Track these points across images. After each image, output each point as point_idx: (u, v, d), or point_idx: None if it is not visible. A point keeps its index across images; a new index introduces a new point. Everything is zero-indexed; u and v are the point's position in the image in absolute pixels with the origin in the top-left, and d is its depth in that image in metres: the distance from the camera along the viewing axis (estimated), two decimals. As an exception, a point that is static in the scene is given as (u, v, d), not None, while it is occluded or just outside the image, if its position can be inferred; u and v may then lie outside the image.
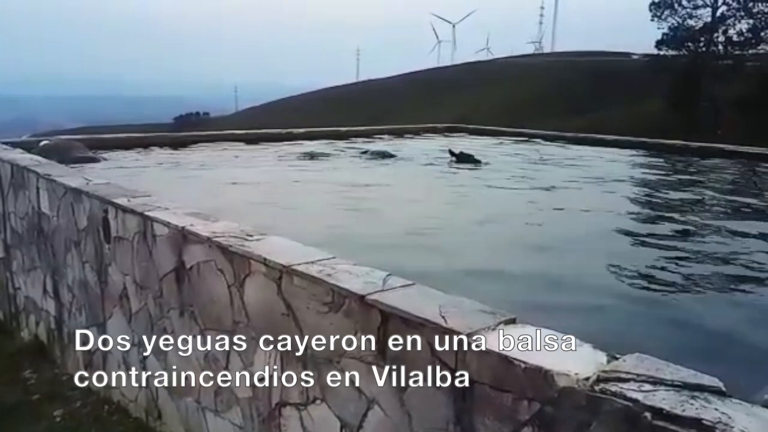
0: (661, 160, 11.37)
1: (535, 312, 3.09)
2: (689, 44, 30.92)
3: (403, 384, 2.76)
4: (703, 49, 30.93)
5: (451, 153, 10.49)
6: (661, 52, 32.31)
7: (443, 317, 2.61)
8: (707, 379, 2.15)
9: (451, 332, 2.52)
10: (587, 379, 2.18)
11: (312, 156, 10.40)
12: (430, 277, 3.35)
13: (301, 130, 12.96)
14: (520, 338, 2.48)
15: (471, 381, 2.47)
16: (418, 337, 2.66)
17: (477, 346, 2.44)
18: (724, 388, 2.10)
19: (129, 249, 4.70)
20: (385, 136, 13.67)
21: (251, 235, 3.82)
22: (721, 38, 30.86)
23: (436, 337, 2.58)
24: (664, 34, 31.35)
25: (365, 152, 11.07)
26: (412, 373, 2.71)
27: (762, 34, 30.19)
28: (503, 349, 2.38)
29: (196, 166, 9.30)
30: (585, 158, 11.10)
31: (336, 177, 8.66)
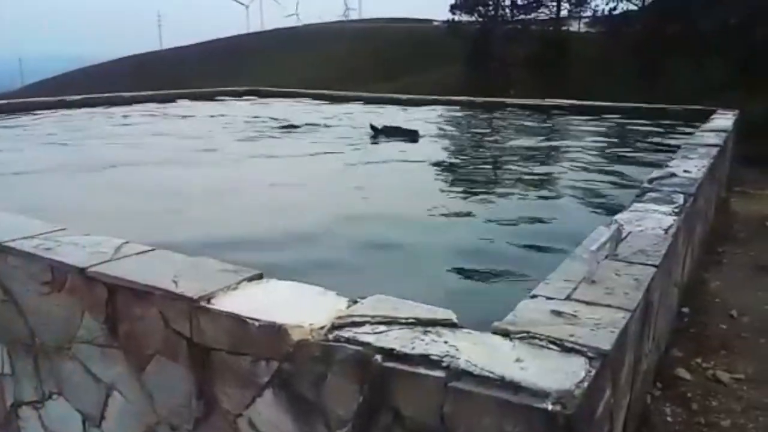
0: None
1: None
2: (480, 8, 32.84)
3: (140, 363, 2.43)
4: (492, 13, 33.04)
5: (373, 128, 9.26)
6: (456, 17, 34.01)
7: (175, 282, 2.32)
8: (441, 313, 2.09)
9: (182, 298, 2.23)
10: (322, 328, 2.02)
11: None
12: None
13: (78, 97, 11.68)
14: (261, 295, 2.28)
15: (207, 349, 2.22)
16: (149, 309, 2.34)
17: (208, 309, 2.18)
18: (456, 320, 2.06)
19: None
20: (182, 101, 12.78)
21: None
22: (508, 2, 33.18)
23: (168, 306, 2.28)
24: (456, -2, 33.18)
25: None
26: (148, 350, 2.39)
27: (541, -2, 32.99)
28: (237, 310, 2.15)
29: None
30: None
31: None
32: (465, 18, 33.45)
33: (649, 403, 3.21)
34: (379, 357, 1.88)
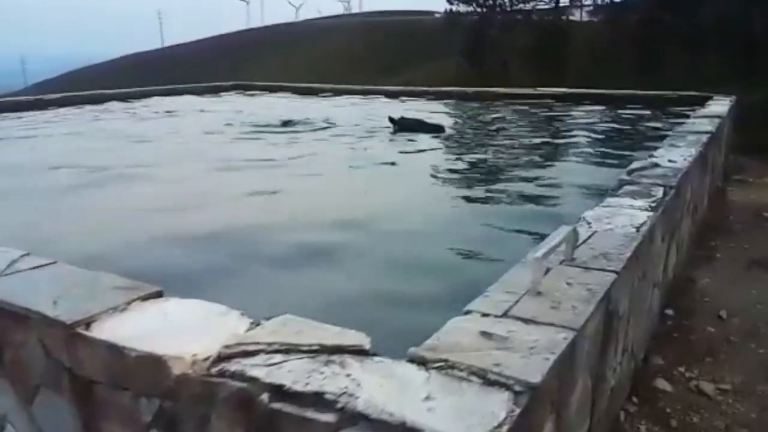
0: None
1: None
2: (477, -1, 32.35)
3: (27, 395, 2.14)
4: (491, 2, 32.53)
5: (392, 120, 8.35)
6: (453, 7, 33.54)
7: (54, 303, 2.02)
8: (351, 337, 1.78)
9: (57, 323, 1.93)
10: (207, 359, 1.71)
11: None
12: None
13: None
14: (151, 318, 1.97)
15: (88, 381, 1.92)
16: (29, 335, 2.04)
17: (84, 336, 1.88)
18: (367, 346, 1.75)
19: None
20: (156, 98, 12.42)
21: None
22: (505, -8, 32.67)
23: (45, 332, 1.99)
24: (454, -13, 32.68)
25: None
26: (33, 381, 2.10)
27: (540, -13, 32.41)
28: (116, 337, 1.85)
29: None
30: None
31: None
32: (463, 8, 33.09)
33: (623, 420, 2.90)
34: (266, 396, 1.57)
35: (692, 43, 23.33)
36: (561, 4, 33.63)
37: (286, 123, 9.06)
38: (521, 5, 33.00)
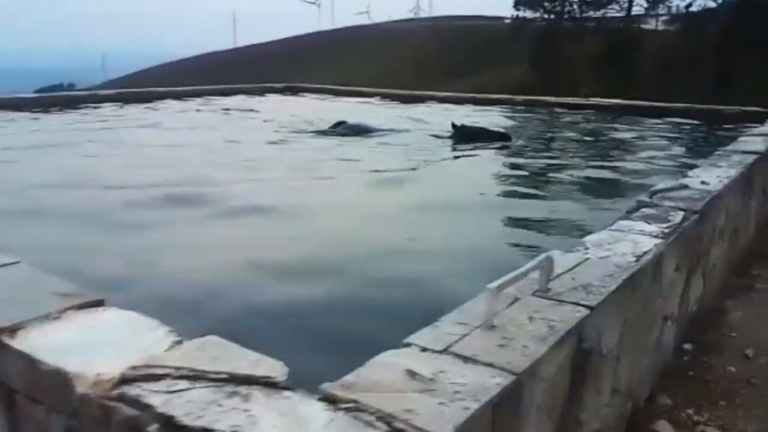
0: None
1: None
2: (545, 4, 31.71)
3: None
4: (558, 9, 31.83)
5: (454, 127, 7.70)
6: (520, 13, 33.03)
7: (-14, 308, 1.98)
8: (265, 367, 1.65)
9: (-16, 329, 1.89)
10: (110, 380, 1.62)
11: None
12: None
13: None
14: (79, 329, 1.91)
15: (11, 390, 1.87)
16: (-36, 338, 2.01)
17: (6, 344, 1.83)
18: (279, 378, 1.61)
19: None
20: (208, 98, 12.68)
21: None
22: (575, -1, 31.95)
23: (-25, 337, 1.95)
24: (521, -7, 32.21)
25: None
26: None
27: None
28: (34, 347, 1.79)
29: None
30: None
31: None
32: (530, 14, 32.47)
33: (611, 467, 2.65)
34: (155, 427, 1.47)
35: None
36: (634, 13, 32.62)
37: (338, 125, 8.45)
38: (591, 12, 32.19)
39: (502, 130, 7.98)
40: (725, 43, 24.93)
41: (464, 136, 7.55)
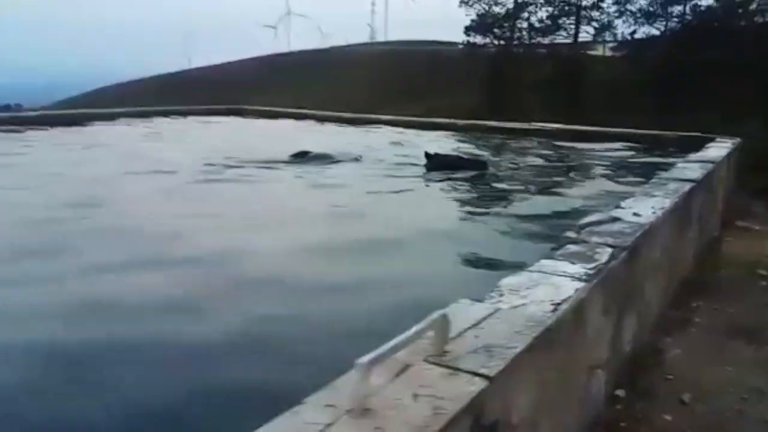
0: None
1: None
2: (495, 30, 32.09)
3: None
4: (508, 35, 32.25)
5: (427, 156, 7.39)
6: (470, 39, 33.37)
7: None
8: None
9: None
10: None
11: None
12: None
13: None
14: None
15: None
16: None
17: None
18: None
19: None
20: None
21: None
22: (525, 25, 32.38)
23: None
24: (471, 20, 32.53)
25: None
26: None
27: (560, 21, 32.06)
28: None
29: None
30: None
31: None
32: (480, 40, 32.79)
33: None
34: None
35: (714, 81, 22.79)
36: (582, 39, 33.23)
37: (298, 155, 7.97)
38: (540, 39, 32.68)
39: (479, 158, 7.71)
40: (668, 70, 25.60)
41: (438, 164, 7.26)
